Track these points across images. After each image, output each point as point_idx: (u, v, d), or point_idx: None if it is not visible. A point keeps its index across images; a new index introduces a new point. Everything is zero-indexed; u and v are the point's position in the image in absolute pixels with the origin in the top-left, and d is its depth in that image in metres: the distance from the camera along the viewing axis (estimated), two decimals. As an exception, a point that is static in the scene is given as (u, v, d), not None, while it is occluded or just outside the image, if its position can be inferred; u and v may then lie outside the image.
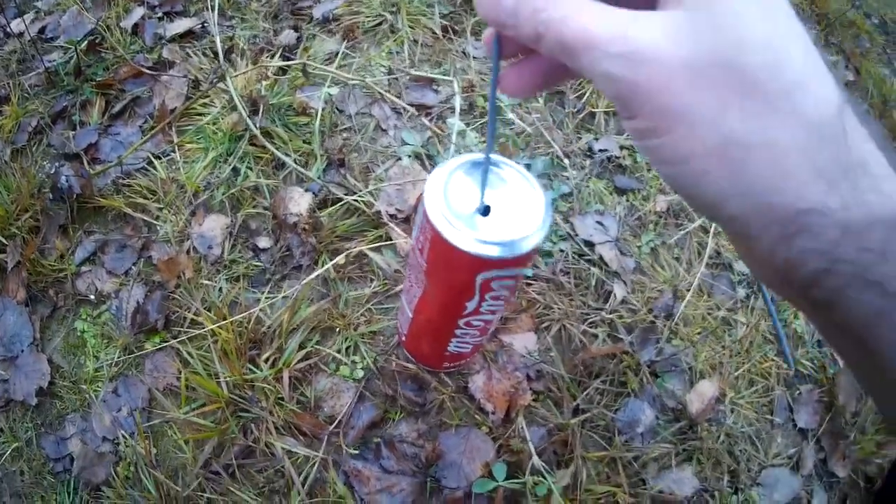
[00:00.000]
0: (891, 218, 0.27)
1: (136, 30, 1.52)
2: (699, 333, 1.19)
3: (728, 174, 0.28)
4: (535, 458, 0.97)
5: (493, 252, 0.57)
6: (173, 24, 1.53)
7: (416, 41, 1.48)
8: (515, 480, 0.96)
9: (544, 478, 0.96)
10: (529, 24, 0.32)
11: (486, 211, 0.59)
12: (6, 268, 1.19)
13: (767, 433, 1.15)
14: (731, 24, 0.27)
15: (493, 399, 1.00)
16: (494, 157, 0.61)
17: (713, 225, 1.33)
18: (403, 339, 0.95)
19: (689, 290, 1.21)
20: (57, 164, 1.25)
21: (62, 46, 1.52)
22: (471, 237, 0.57)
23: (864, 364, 0.31)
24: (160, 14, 1.55)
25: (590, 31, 0.29)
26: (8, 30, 1.60)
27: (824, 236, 0.27)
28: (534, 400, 1.03)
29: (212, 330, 1.04)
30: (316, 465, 0.96)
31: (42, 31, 1.59)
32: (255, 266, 1.14)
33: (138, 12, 1.54)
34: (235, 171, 1.23)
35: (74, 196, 1.21)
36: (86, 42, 1.48)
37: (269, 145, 1.20)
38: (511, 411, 1.01)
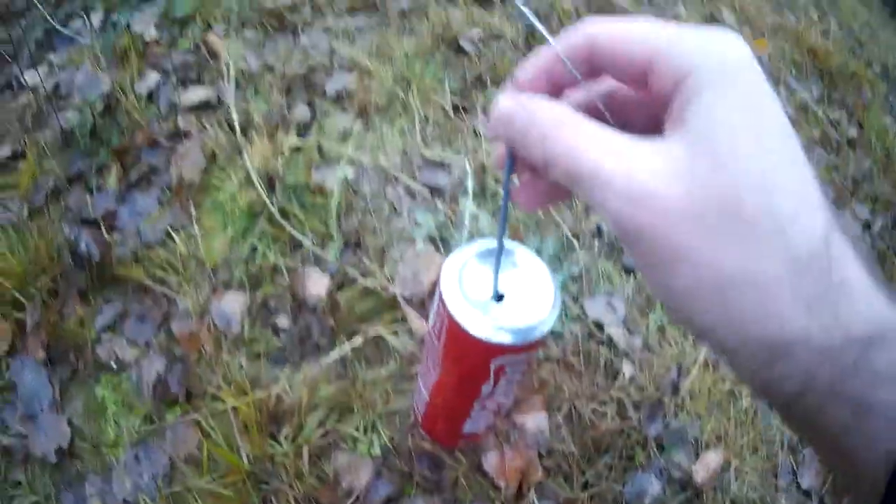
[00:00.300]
0: (865, 336, 0.30)
1: (152, 96, 1.63)
2: (705, 407, 1.30)
3: (721, 309, 0.31)
4: None
5: (508, 339, 0.63)
6: (188, 92, 1.62)
7: (427, 118, 1.60)
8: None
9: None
10: (537, 150, 0.36)
11: (499, 298, 0.65)
12: (25, 327, 1.28)
13: (772, 497, 1.26)
14: (729, 163, 0.30)
15: (505, 476, 1.11)
16: (507, 243, 0.66)
17: None
18: (419, 419, 1.03)
19: (694, 365, 1.33)
20: (76, 228, 1.34)
21: (77, 106, 1.62)
22: (486, 325, 0.63)
23: (842, 468, 0.34)
24: (174, 80, 1.65)
25: (596, 166, 0.33)
26: (22, 80, 1.70)
27: (803, 360, 0.31)
28: (545, 476, 1.14)
29: (233, 406, 1.15)
30: (332, 537, 1.07)
31: (56, 87, 1.69)
32: (275, 345, 1.24)
33: (153, 77, 1.65)
34: (253, 249, 1.34)
35: (94, 263, 1.31)
36: (101, 105, 1.58)
37: (286, 225, 1.32)
38: (523, 487, 1.12)
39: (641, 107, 0.39)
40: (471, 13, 1.91)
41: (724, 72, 0.32)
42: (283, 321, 1.26)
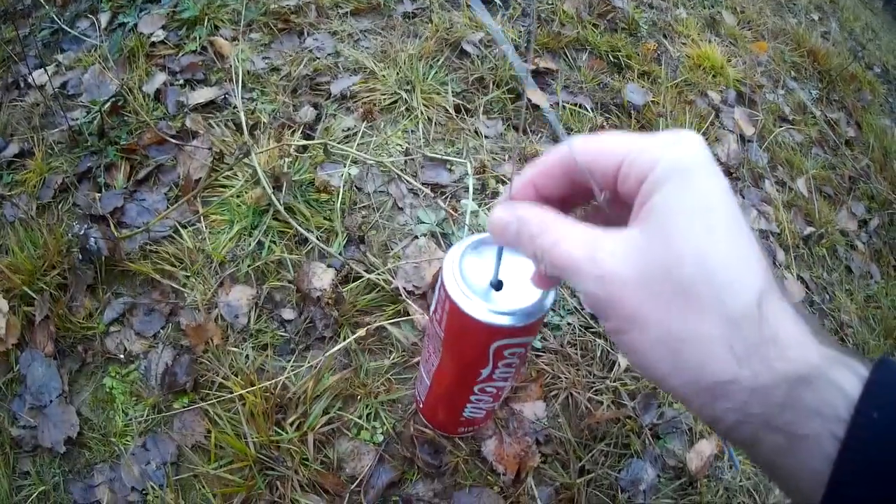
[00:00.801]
0: (791, 377, 0.36)
1: (159, 96, 1.67)
2: None
3: (669, 360, 0.39)
4: None
5: (506, 321, 0.66)
6: (195, 92, 1.67)
7: (430, 119, 1.65)
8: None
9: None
10: (529, 248, 0.45)
11: (499, 285, 0.69)
12: (34, 320, 1.32)
13: (765, 485, 1.30)
14: (675, 242, 0.37)
15: (504, 461, 1.16)
16: None
17: None
18: (421, 405, 1.06)
19: None
20: (85, 225, 1.38)
21: (84, 105, 1.67)
22: (485, 308, 0.66)
23: (780, 485, 0.40)
24: (181, 81, 1.70)
25: (570, 257, 0.41)
26: (30, 80, 1.74)
27: (737, 398, 0.37)
28: (542, 462, 1.19)
29: (240, 395, 1.19)
30: (337, 522, 1.11)
31: (64, 86, 1.74)
32: (281, 336, 1.29)
33: (160, 78, 1.69)
34: (260, 244, 1.39)
35: (102, 258, 1.35)
36: (109, 104, 1.62)
37: (292, 221, 1.36)
38: (521, 472, 1.16)
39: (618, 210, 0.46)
40: (473, 17, 1.96)
41: (679, 170, 0.38)
42: (288, 314, 1.31)
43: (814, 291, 1.83)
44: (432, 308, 0.76)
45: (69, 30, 1.89)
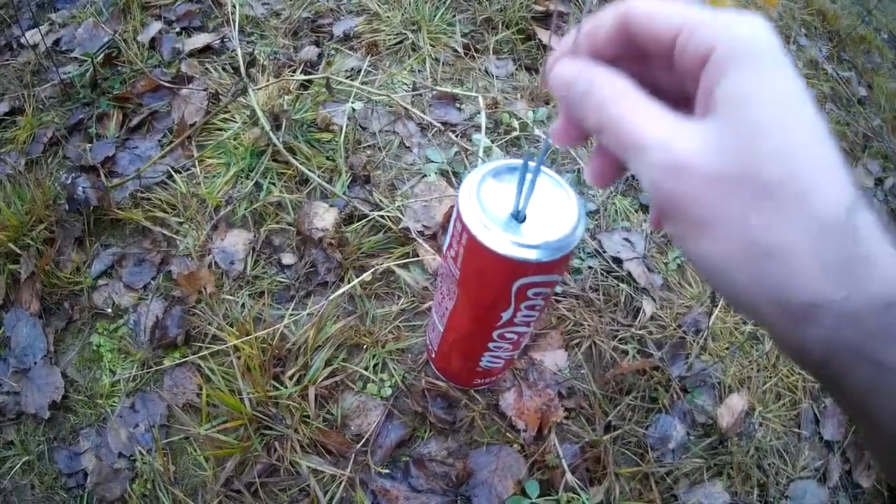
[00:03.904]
0: (886, 300, 0.31)
1: (154, 44, 1.52)
2: (727, 348, 1.19)
3: (747, 273, 0.33)
4: (569, 475, 0.96)
5: (531, 255, 0.56)
6: (191, 39, 1.52)
7: (437, 59, 1.49)
8: (548, 498, 0.95)
9: (578, 495, 0.95)
10: (594, 115, 0.37)
11: (522, 217, 0.58)
12: (20, 279, 1.18)
13: (795, 446, 1.15)
14: (755, 138, 0.32)
15: (524, 416, 1.00)
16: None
17: None
18: (433, 355, 0.93)
19: (716, 306, 1.21)
20: (73, 175, 1.24)
21: (78, 59, 1.52)
22: (508, 241, 0.56)
23: (867, 428, 0.35)
24: (178, 29, 1.55)
25: (641, 135, 0.34)
26: (22, 40, 1.60)
27: (827, 323, 0.31)
28: (566, 417, 1.03)
29: (235, 346, 1.03)
30: (342, 485, 0.94)
31: (57, 42, 1.59)
32: (280, 282, 1.13)
33: (155, 27, 1.54)
34: (258, 186, 1.23)
35: (91, 208, 1.20)
36: (102, 55, 1.48)
37: (292, 160, 1.20)
38: (543, 428, 1.00)
39: (672, 82, 0.40)
40: None
41: (750, 54, 0.33)
42: (287, 258, 1.15)
43: None
44: (446, 244, 0.65)
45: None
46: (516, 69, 1.56)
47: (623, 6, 0.38)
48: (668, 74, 0.39)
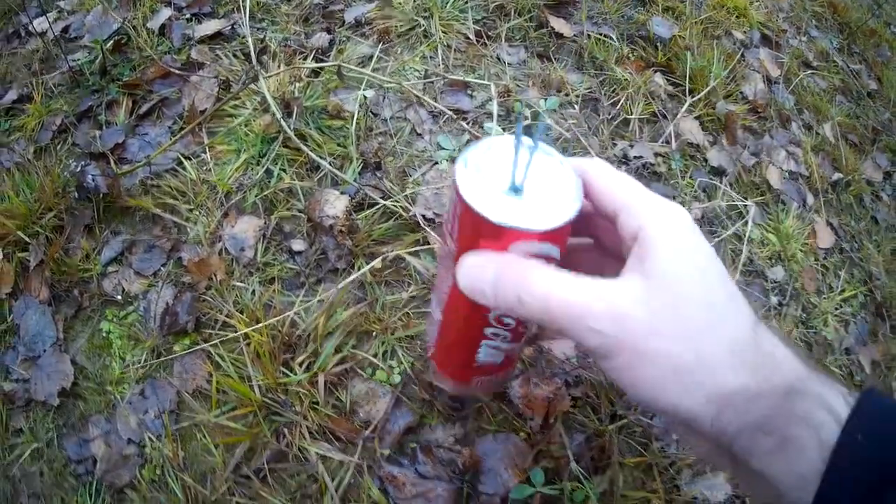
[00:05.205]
0: (786, 387, 0.43)
1: (164, 31, 1.58)
2: None
3: (681, 384, 0.43)
4: (574, 464, 1.00)
5: (529, 224, 0.55)
6: (202, 25, 1.58)
7: (449, 46, 1.54)
8: (553, 486, 0.99)
9: (582, 484, 0.99)
10: (510, 294, 0.47)
11: (518, 191, 0.59)
12: (28, 266, 1.24)
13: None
14: (680, 287, 0.44)
15: (531, 405, 1.04)
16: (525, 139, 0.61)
17: (747, 233, 1.43)
18: (432, 350, 0.94)
19: None
20: (82, 162, 1.29)
21: (87, 46, 1.58)
22: (505, 209, 0.56)
23: (770, 496, 0.44)
24: (188, 15, 1.61)
25: (581, 303, 0.44)
26: (30, 28, 1.66)
27: (740, 407, 0.42)
28: (572, 406, 1.07)
29: (244, 333, 1.08)
30: (350, 471, 0.99)
31: (66, 30, 1.65)
32: (290, 269, 1.18)
33: (165, 13, 1.60)
34: (269, 172, 1.28)
35: (101, 195, 1.25)
36: (111, 42, 1.54)
37: (303, 147, 1.25)
38: (549, 417, 1.04)
39: (590, 252, 0.57)
40: None
41: (671, 233, 0.46)
42: (298, 244, 1.20)
43: (843, 238, 1.75)
44: (444, 220, 0.65)
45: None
46: (528, 56, 1.60)
47: (581, 171, 0.53)
48: (611, 233, 0.51)
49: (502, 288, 0.48)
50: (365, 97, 1.36)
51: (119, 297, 1.20)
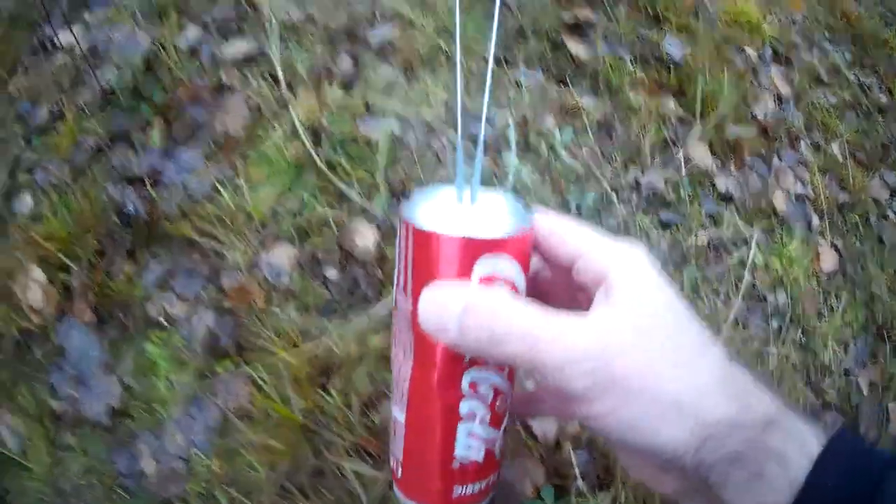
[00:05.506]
0: (764, 419, 0.44)
1: (193, 51, 1.65)
2: None
3: (667, 417, 0.43)
4: (580, 482, 1.11)
5: (491, 230, 0.48)
6: (230, 46, 1.65)
7: (470, 70, 1.62)
8: (561, 501, 1.10)
9: (587, 499, 1.10)
10: (482, 330, 0.42)
11: (468, 206, 0.50)
12: (70, 288, 1.32)
13: None
14: (655, 325, 0.44)
15: (543, 426, 1.15)
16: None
17: (751, 259, 1.52)
18: (398, 466, 0.58)
19: (725, 323, 1.35)
20: (121, 188, 1.38)
21: (115, 64, 1.64)
22: (458, 222, 0.47)
23: None
24: (216, 35, 1.68)
25: (570, 344, 0.42)
26: (56, 41, 1.73)
27: (721, 434, 0.43)
28: (581, 429, 1.18)
29: (284, 358, 1.18)
30: (382, 485, 1.09)
31: (93, 46, 1.71)
32: (324, 296, 1.27)
33: (193, 32, 1.67)
34: (301, 201, 1.37)
35: (141, 222, 1.35)
36: (141, 61, 1.60)
37: (333, 179, 1.34)
38: (560, 439, 1.15)
39: (559, 286, 0.53)
40: None
41: (638, 274, 0.46)
42: (331, 273, 1.29)
43: (846, 260, 1.83)
44: (395, 282, 0.53)
45: (95, -14, 1.85)
46: (545, 80, 1.69)
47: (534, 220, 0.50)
48: (563, 278, 0.50)
49: (471, 322, 0.42)
50: (392, 130, 1.45)
51: (162, 320, 1.28)
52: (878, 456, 0.44)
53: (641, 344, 0.44)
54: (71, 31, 1.69)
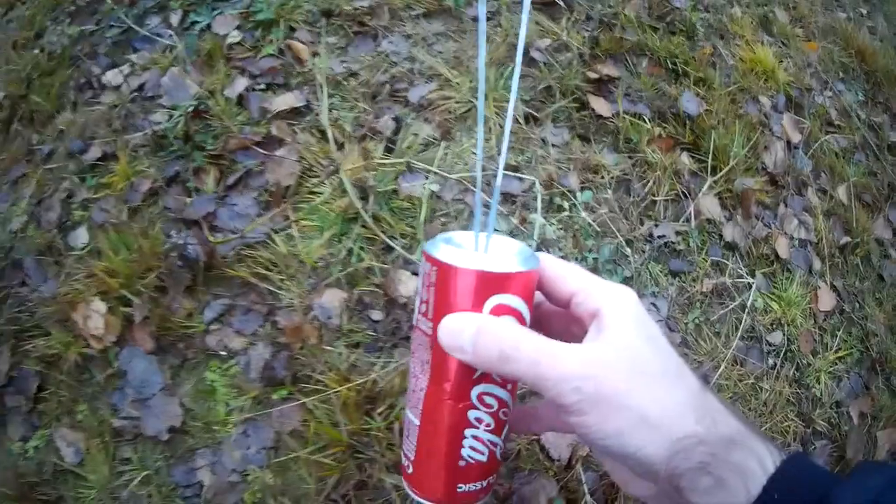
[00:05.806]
0: (727, 437, 0.57)
1: (241, 100, 2.07)
2: (730, 398, 1.75)
3: (647, 430, 0.56)
4: (588, 498, 1.53)
5: (502, 266, 0.63)
6: (277, 98, 2.07)
7: (501, 128, 2.06)
8: (570, 513, 1.51)
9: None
10: (492, 350, 0.58)
11: (484, 246, 0.69)
12: (132, 320, 1.73)
13: None
14: (639, 353, 0.59)
15: (559, 449, 1.57)
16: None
17: (750, 304, 1.96)
18: (410, 463, 0.78)
19: (724, 360, 1.78)
20: (182, 233, 1.80)
21: (165, 108, 2.05)
22: (477, 257, 0.64)
23: None
24: (262, 85, 2.10)
25: (566, 365, 0.57)
26: (104, 80, 2.15)
27: (690, 448, 0.55)
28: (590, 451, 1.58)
29: (336, 390, 1.60)
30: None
31: (141, 88, 2.14)
32: (370, 335, 1.73)
33: (241, 82, 2.10)
34: (349, 251, 1.81)
35: (201, 264, 1.77)
36: (191, 108, 2.00)
37: (378, 232, 1.81)
38: (573, 459, 1.56)
39: (557, 318, 0.68)
40: (539, 22, 2.38)
41: (626, 311, 0.61)
42: (376, 315, 1.76)
43: (844, 300, 2.22)
44: (416, 309, 0.72)
45: (138, 29, 2.27)
46: (570, 138, 2.13)
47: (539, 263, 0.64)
48: (561, 312, 0.66)
49: (483, 342, 0.57)
50: (431, 189, 1.92)
51: (223, 352, 1.72)
52: (827, 475, 0.57)
53: (625, 369, 0.57)
54: (120, 71, 2.10)
